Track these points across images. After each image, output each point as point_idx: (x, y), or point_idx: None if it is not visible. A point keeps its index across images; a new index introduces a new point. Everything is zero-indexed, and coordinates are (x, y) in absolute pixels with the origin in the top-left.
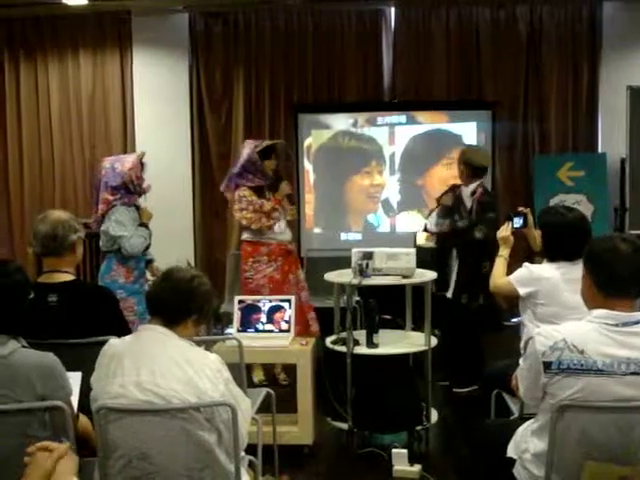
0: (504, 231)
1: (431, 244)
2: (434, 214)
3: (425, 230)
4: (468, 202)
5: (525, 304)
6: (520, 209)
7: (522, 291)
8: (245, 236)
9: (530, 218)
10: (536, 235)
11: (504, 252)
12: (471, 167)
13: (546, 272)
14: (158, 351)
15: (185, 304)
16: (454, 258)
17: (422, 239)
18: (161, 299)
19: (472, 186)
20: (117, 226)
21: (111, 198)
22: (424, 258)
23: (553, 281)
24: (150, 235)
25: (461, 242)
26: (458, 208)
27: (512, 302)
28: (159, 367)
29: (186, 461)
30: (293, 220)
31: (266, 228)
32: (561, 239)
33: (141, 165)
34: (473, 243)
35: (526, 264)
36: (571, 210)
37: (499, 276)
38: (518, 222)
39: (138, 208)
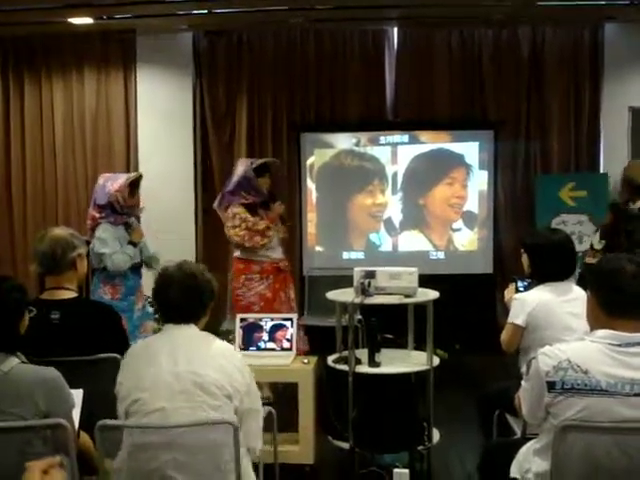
0: (508, 293)
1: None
2: (597, 233)
3: (592, 248)
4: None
5: (525, 335)
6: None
7: (519, 321)
8: (237, 253)
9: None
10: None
11: None
12: (633, 185)
13: (537, 296)
14: (191, 343)
15: (199, 301)
16: None
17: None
18: (175, 306)
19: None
20: (99, 243)
21: (97, 215)
22: None
23: (546, 303)
24: (140, 253)
25: None
26: (621, 217)
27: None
28: (195, 357)
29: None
30: (286, 238)
31: (260, 247)
32: (548, 260)
33: (131, 187)
34: None
35: (515, 296)
36: (555, 231)
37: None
38: (522, 285)
39: (129, 226)
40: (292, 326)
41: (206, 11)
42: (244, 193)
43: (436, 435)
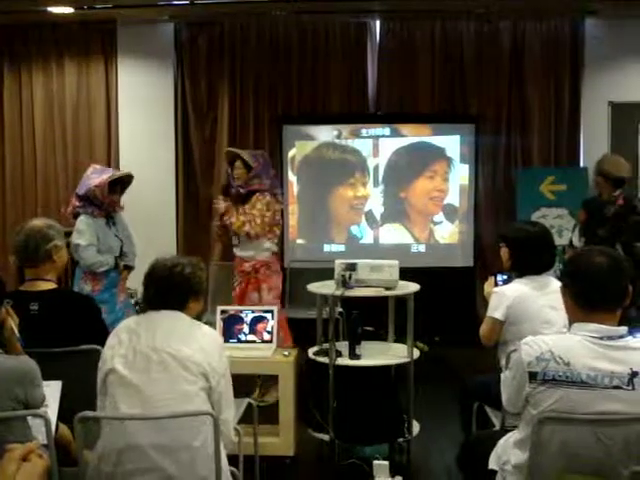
0: (488, 287)
1: None
2: (576, 230)
3: (570, 245)
4: (611, 207)
5: (504, 328)
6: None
7: (498, 314)
8: None
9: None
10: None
11: None
12: (610, 179)
13: (516, 289)
14: (172, 323)
15: (173, 295)
16: None
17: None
18: (154, 302)
19: (614, 193)
20: (76, 234)
21: (76, 204)
22: None
23: (525, 296)
24: (114, 265)
25: None
26: (595, 219)
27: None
28: (174, 334)
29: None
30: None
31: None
32: (528, 253)
33: (111, 185)
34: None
35: (494, 289)
36: (534, 224)
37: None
38: (501, 279)
39: (112, 219)
40: (273, 318)
41: (188, 2)
42: None
43: (416, 427)
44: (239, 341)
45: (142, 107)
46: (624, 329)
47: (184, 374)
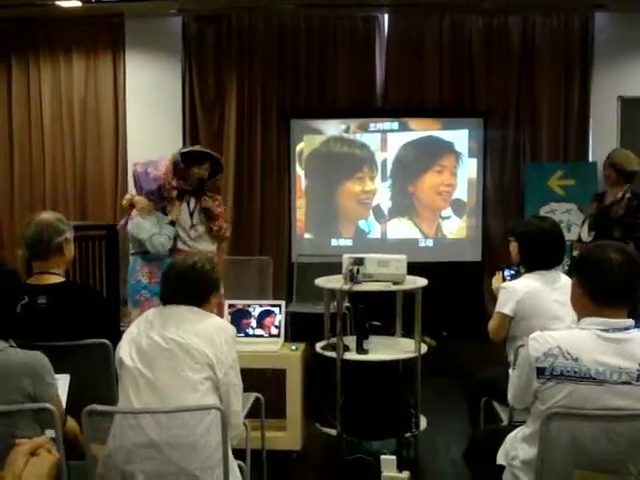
0: (496, 282)
1: None
2: (585, 225)
3: (579, 241)
4: (618, 208)
5: (513, 324)
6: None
7: (507, 310)
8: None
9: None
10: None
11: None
12: (621, 172)
13: (525, 285)
14: (185, 314)
15: (192, 291)
16: None
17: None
18: (174, 298)
19: (621, 191)
20: (136, 228)
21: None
22: None
23: (534, 292)
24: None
25: None
26: (606, 216)
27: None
28: (184, 324)
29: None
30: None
31: None
32: (539, 248)
33: (173, 168)
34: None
35: (503, 285)
36: (544, 219)
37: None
38: (509, 274)
39: (164, 210)
40: (280, 312)
41: None
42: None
43: (423, 422)
44: (247, 335)
45: (150, 101)
46: (630, 321)
47: (189, 362)
